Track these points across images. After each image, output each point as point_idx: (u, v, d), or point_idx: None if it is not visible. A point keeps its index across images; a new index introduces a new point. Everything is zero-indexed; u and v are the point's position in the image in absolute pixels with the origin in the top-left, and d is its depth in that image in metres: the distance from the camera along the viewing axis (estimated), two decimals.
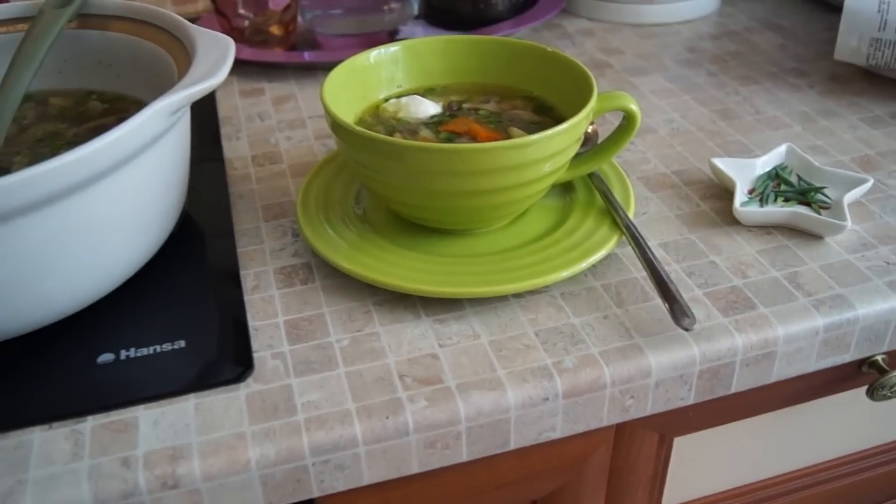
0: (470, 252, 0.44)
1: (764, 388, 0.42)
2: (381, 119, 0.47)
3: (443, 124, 0.46)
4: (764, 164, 0.50)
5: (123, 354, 0.39)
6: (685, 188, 0.51)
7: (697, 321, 0.40)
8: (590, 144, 0.51)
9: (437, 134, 0.45)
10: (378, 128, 0.46)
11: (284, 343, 0.40)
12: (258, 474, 0.34)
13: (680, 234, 0.46)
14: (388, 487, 0.40)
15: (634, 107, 0.44)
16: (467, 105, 0.48)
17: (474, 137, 0.45)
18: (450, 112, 0.48)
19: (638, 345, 0.39)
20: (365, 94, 0.48)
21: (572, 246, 0.43)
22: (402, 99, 0.48)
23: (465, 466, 0.41)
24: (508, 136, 0.45)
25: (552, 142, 0.39)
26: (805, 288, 0.42)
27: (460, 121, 0.46)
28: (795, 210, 0.46)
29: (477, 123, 0.46)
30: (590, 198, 0.47)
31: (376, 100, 0.49)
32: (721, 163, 0.49)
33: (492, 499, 0.44)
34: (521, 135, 0.44)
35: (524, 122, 0.46)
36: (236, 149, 0.56)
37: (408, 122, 0.46)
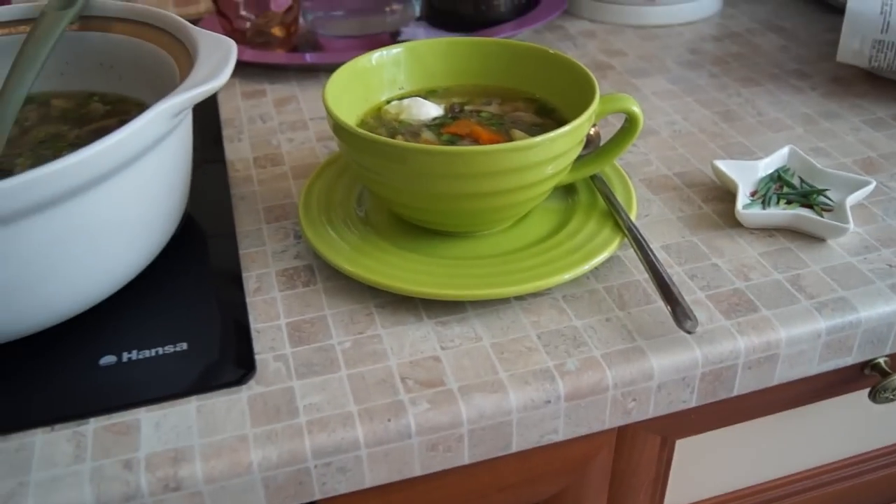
0: (472, 254, 0.44)
1: (766, 391, 0.42)
2: (383, 121, 0.47)
3: (445, 126, 0.46)
4: (766, 166, 0.50)
5: (125, 356, 0.39)
6: (687, 190, 0.51)
7: (699, 324, 0.40)
8: (592, 146, 0.51)
9: (439, 136, 0.45)
10: (380, 130, 0.46)
11: (286, 345, 0.40)
12: (260, 477, 0.34)
13: (682, 237, 0.46)
14: (390, 490, 0.40)
15: (637, 109, 0.44)
16: (469, 107, 0.48)
17: (476, 139, 0.45)
18: (452, 114, 0.48)
19: (640, 347, 0.39)
20: (367, 96, 0.48)
21: (574, 248, 0.43)
22: (404, 101, 0.48)
23: (466, 469, 0.41)
24: (510, 138, 0.45)
25: (555, 144, 0.39)
26: (807, 290, 0.42)
27: (462, 123, 0.46)
28: (798, 212, 0.46)
29: (479, 125, 0.46)
30: (592, 200, 0.47)
31: (378, 102, 0.49)
32: (723, 165, 0.49)
33: (493, 501, 0.44)
34: (524, 137, 0.44)
35: (526, 125, 0.46)
36: (238, 150, 0.56)
37: (410, 124, 0.46)
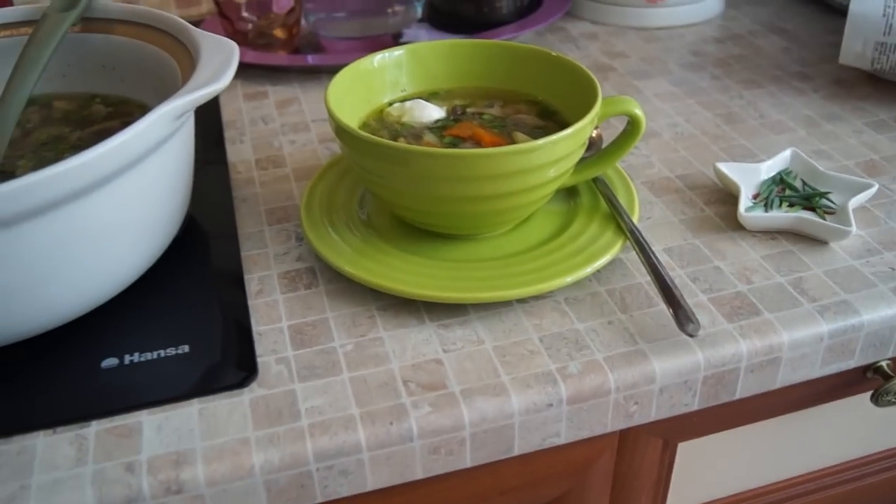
0: (474, 257, 0.43)
1: (768, 394, 0.42)
2: (385, 123, 0.47)
3: (447, 129, 0.46)
4: (768, 168, 0.50)
5: (127, 359, 0.39)
6: (689, 193, 0.50)
7: (702, 327, 0.40)
8: (594, 149, 0.51)
9: (442, 138, 0.45)
10: (382, 132, 0.46)
11: (288, 348, 0.40)
12: (262, 480, 0.34)
13: (684, 239, 0.46)
14: (392, 493, 0.40)
15: (639, 112, 0.44)
16: (471, 109, 0.48)
17: (478, 142, 0.45)
18: (454, 116, 0.47)
19: (642, 350, 0.39)
20: (369, 99, 0.48)
21: (577, 251, 0.43)
22: (406, 103, 0.48)
23: (469, 472, 0.41)
24: (512, 140, 0.45)
25: (557, 147, 0.39)
26: (810, 294, 0.42)
27: (464, 125, 0.46)
28: (800, 215, 0.45)
29: (481, 128, 0.46)
30: (594, 202, 0.47)
31: (380, 104, 0.49)
32: (725, 167, 0.49)
33: None
34: (526, 139, 0.44)
35: (528, 127, 0.46)
36: (240, 152, 0.56)
37: (412, 127, 0.46)
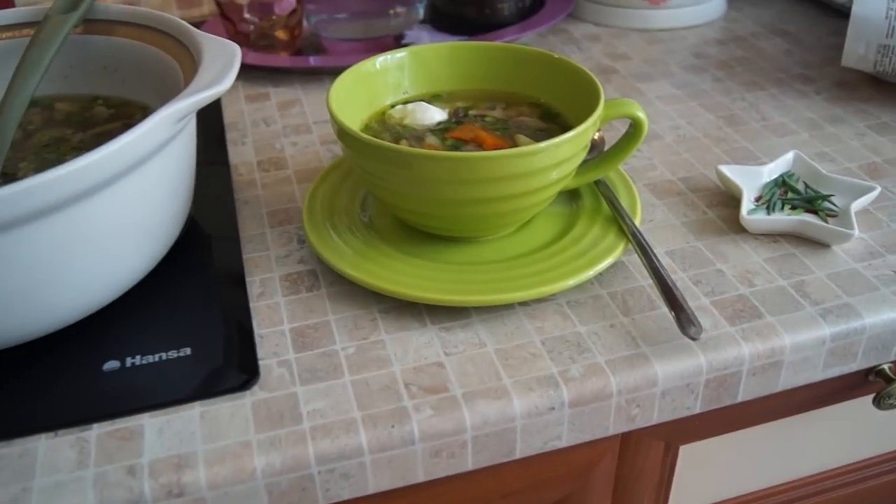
0: (476, 260, 0.43)
1: (770, 397, 0.42)
2: (387, 125, 0.47)
3: (449, 131, 0.46)
4: (771, 171, 0.50)
5: (129, 362, 0.39)
6: (691, 195, 0.50)
7: (704, 330, 0.40)
8: (596, 151, 0.50)
9: (444, 141, 0.45)
10: (384, 134, 0.46)
11: (290, 351, 0.39)
12: (263, 483, 0.34)
13: (686, 242, 0.46)
14: (394, 496, 0.40)
15: (641, 114, 0.44)
16: (473, 111, 0.48)
17: (480, 144, 0.44)
18: (456, 119, 0.47)
19: (644, 354, 0.39)
20: (371, 101, 0.48)
21: (579, 254, 0.43)
22: (408, 105, 0.48)
23: (470, 475, 0.41)
24: (515, 143, 0.45)
25: (559, 149, 0.39)
26: (812, 297, 0.42)
27: (466, 127, 0.46)
28: (802, 218, 0.45)
29: (483, 130, 0.46)
30: (596, 205, 0.47)
31: (382, 106, 0.49)
32: (728, 170, 0.49)
33: None
34: (528, 142, 0.44)
35: (530, 129, 0.46)
36: (242, 154, 0.56)
37: (414, 129, 0.46)
